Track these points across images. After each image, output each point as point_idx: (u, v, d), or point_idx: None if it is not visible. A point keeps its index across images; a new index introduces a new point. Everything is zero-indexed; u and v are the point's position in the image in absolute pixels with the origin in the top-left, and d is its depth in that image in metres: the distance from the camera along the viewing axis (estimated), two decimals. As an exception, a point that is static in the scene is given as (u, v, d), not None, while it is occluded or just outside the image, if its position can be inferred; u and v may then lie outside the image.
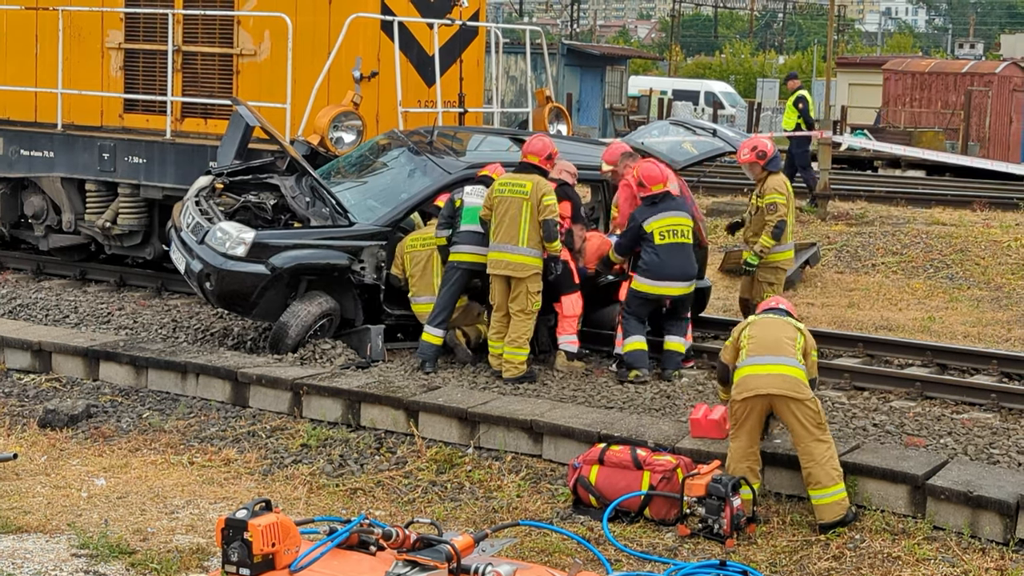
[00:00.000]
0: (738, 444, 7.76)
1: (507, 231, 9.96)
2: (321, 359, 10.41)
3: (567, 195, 10.61)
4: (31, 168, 14.25)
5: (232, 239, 10.53)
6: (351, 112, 12.20)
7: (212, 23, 13.16)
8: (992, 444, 8.74)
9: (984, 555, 7.22)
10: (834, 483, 7.51)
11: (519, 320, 10.05)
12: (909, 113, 35.24)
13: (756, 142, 11.01)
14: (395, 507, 8.03)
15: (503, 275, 10.05)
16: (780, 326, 7.93)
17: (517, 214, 9.95)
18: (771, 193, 10.72)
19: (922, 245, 16.99)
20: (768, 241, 10.70)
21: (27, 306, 12.92)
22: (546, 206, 9.95)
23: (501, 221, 9.99)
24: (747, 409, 7.70)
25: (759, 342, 7.81)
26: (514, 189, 10.03)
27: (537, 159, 10.18)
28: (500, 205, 10.01)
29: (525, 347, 10.09)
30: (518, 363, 10.05)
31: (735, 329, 8.11)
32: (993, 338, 12.59)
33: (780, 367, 7.68)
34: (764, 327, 7.93)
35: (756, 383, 7.67)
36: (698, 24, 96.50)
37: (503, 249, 10.00)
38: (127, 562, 6.90)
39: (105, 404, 9.97)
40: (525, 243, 9.95)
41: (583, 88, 36.18)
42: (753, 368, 7.72)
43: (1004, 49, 51.96)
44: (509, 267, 10.01)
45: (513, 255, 9.98)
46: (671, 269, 10.30)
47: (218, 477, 8.48)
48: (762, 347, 7.78)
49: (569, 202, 10.60)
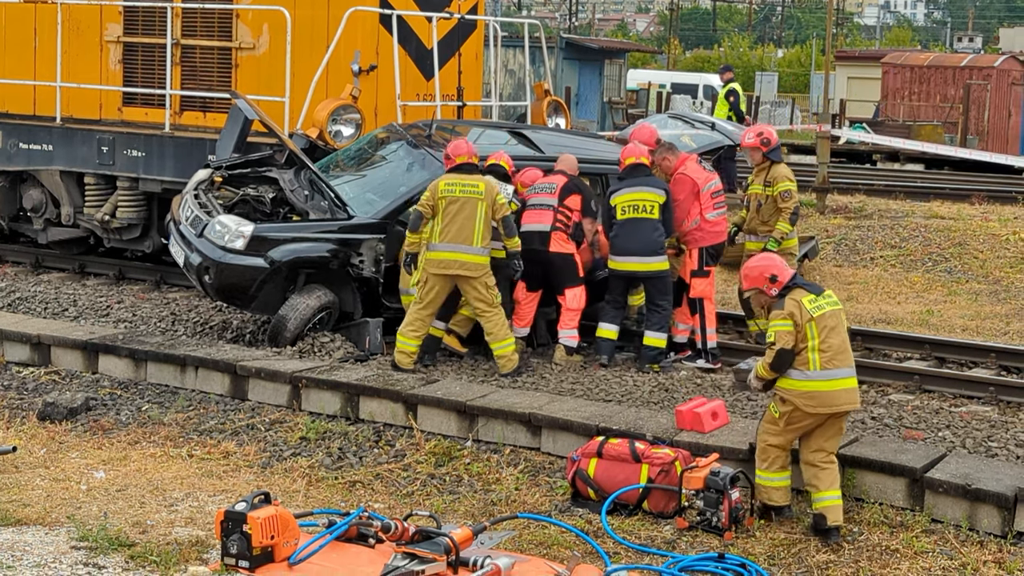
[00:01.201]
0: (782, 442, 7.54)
1: (460, 231, 9.86)
2: (320, 352, 10.42)
3: (578, 188, 10.64)
4: (30, 161, 14.25)
5: (231, 232, 10.53)
6: (350, 105, 12.20)
7: (211, 16, 13.15)
8: (990, 437, 8.75)
9: (982, 548, 7.24)
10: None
11: (488, 317, 10.03)
12: (908, 107, 35.24)
13: (763, 128, 11.34)
14: (394, 500, 8.04)
15: (452, 275, 9.95)
16: (841, 321, 7.47)
17: (472, 214, 9.89)
18: (783, 181, 11.11)
19: (921, 239, 17.00)
20: (786, 227, 11.03)
21: (26, 299, 12.92)
22: (501, 204, 9.98)
23: (452, 220, 9.87)
24: (813, 423, 7.44)
25: (834, 349, 7.34)
26: (466, 189, 9.94)
27: (475, 159, 10.20)
28: (450, 205, 9.91)
29: (509, 337, 10.09)
30: (510, 355, 10.06)
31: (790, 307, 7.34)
32: (991, 331, 12.61)
33: (853, 380, 7.44)
34: (832, 326, 7.36)
35: (836, 400, 7.37)
36: (697, 17, 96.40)
37: (455, 249, 9.89)
38: (126, 555, 6.90)
39: (104, 397, 9.98)
40: (479, 243, 9.91)
41: (581, 82, 36.14)
42: (831, 384, 7.34)
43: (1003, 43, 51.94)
44: (464, 267, 9.91)
45: (467, 255, 9.90)
46: (631, 244, 10.38)
47: (217, 470, 8.49)
48: (837, 356, 7.35)
49: (580, 195, 10.59)
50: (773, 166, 11.19)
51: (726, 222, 11.07)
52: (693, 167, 10.80)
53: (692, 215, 10.71)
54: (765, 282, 7.47)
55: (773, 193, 11.13)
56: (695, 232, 10.74)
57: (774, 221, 11.20)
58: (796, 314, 7.32)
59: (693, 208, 10.70)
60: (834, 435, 7.50)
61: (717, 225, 10.81)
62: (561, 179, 10.66)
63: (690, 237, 10.77)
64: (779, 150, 11.35)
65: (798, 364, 7.35)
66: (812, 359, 7.31)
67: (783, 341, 7.30)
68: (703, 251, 10.74)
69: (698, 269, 10.74)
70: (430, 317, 10.10)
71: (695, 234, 10.74)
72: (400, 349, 10.04)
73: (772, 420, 7.54)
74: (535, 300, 10.77)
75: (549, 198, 10.58)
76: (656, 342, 10.46)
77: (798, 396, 7.36)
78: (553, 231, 10.51)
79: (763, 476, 7.60)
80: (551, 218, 10.52)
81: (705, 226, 10.72)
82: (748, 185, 11.53)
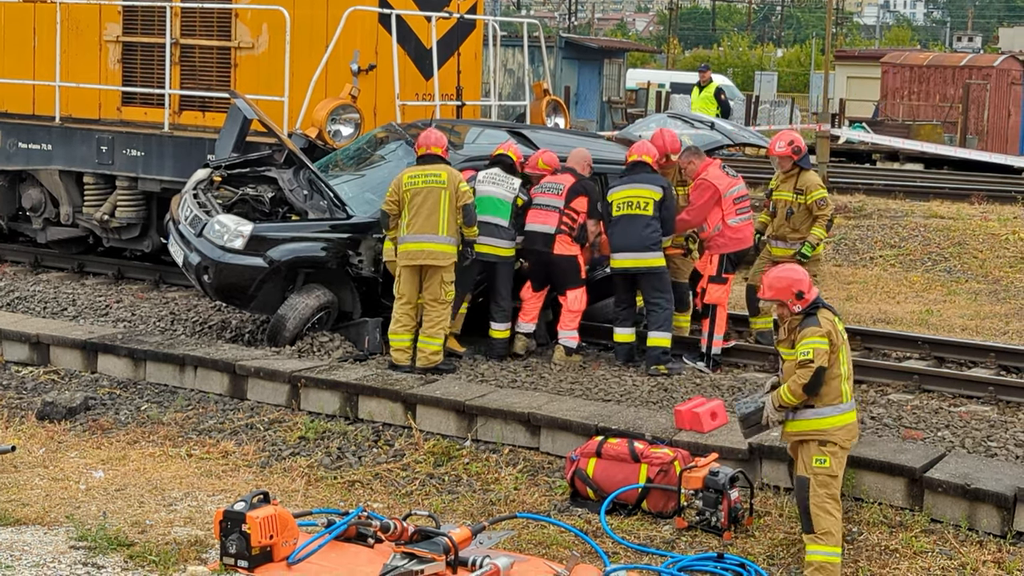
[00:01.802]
0: (837, 494, 6.99)
1: (426, 221, 9.93)
2: (319, 352, 10.42)
3: (585, 190, 10.52)
4: (29, 161, 14.24)
5: (230, 232, 10.53)
6: (349, 105, 12.19)
7: (210, 16, 13.14)
8: (990, 437, 8.75)
9: (981, 548, 7.24)
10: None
11: (434, 310, 10.04)
12: (907, 106, 35.21)
13: (793, 136, 11.03)
14: (393, 499, 8.03)
15: (419, 265, 10.00)
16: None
17: (436, 204, 9.96)
18: (817, 189, 10.88)
19: (920, 238, 16.99)
20: (822, 232, 10.93)
21: (25, 298, 12.91)
22: (463, 192, 10.02)
23: (418, 212, 9.94)
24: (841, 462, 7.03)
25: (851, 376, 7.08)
26: (429, 179, 10.02)
27: (440, 150, 10.20)
28: (415, 196, 9.99)
29: (439, 336, 10.06)
30: (430, 352, 10.03)
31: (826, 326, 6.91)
32: (991, 331, 12.60)
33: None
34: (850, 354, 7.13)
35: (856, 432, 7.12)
36: (696, 17, 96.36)
37: (422, 239, 9.96)
38: (125, 554, 6.90)
39: (103, 396, 9.97)
40: (445, 232, 9.97)
41: (581, 81, 36.11)
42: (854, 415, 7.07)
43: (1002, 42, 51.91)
44: (431, 256, 9.96)
45: (434, 244, 9.97)
46: (625, 240, 10.34)
47: (216, 469, 8.49)
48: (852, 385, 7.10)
49: (587, 197, 10.50)
50: (803, 173, 10.87)
51: (751, 228, 10.89)
52: (715, 172, 10.62)
53: (714, 221, 10.56)
54: (791, 296, 6.96)
55: (807, 201, 10.77)
56: (717, 238, 10.61)
57: (806, 228, 10.83)
58: (833, 334, 6.88)
59: (714, 214, 10.55)
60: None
61: (740, 231, 10.66)
62: (569, 180, 10.56)
63: (712, 243, 10.64)
64: (808, 157, 11.19)
65: (829, 399, 6.87)
66: (844, 390, 6.91)
67: (822, 359, 6.77)
68: (723, 258, 10.62)
69: (716, 275, 10.63)
70: (414, 310, 10.11)
71: (717, 240, 10.61)
72: (395, 347, 10.06)
73: (827, 473, 6.85)
74: (540, 298, 10.74)
75: (555, 199, 10.51)
76: (660, 342, 10.33)
77: (840, 432, 6.88)
78: (558, 233, 10.45)
79: (829, 551, 6.80)
80: (556, 220, 10.47)
81: (727, 232, 10.58)
82: (772, 191, 11.16)
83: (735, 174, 10.83)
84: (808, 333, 6.86)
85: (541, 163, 10.86)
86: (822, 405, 6.89)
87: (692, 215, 10.63)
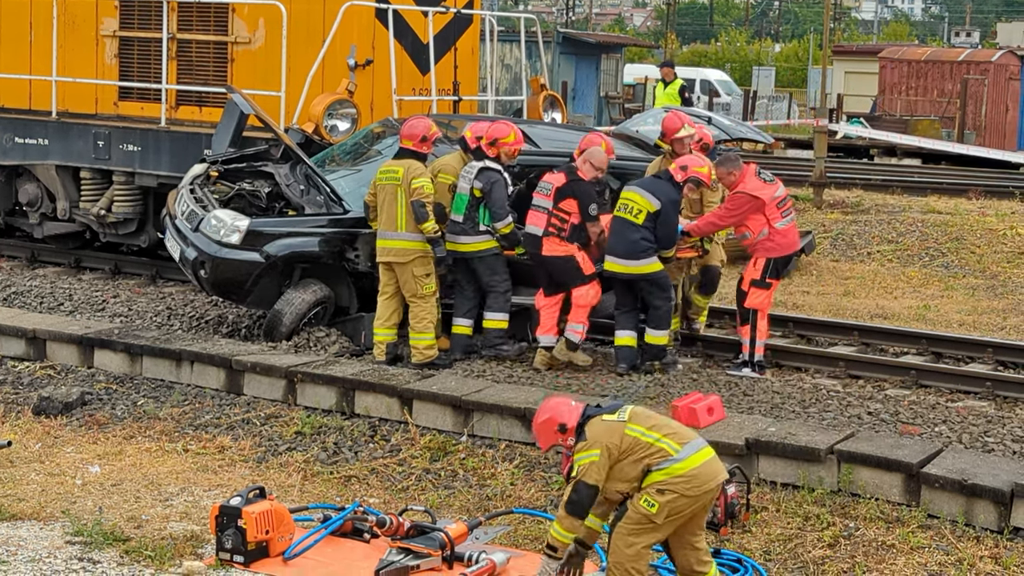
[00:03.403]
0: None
1: (387, 218, 10.03)
2: (315, 347, 10.41)
3: (574, 192, 10.11)
4: (26, 156, 14.22)
5: (227, 227, 10.52)
6: (346, 100, 12.18)
7: (207, 11, 13.12)
8: (987, 432, 8.75)
9: (978, 543, 7.23)
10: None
11: (415, 306, 10.07)
12: (905, 101, 35.20)
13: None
14: (389, 495, 8.03)
15: (387, 262, 10.07)
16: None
17: (393, 200, 10.03)
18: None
19: (918, 233, 16.99)
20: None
21: (21, 293, 12.90)
22: (415, 188, 9.94)
23: (382, 208, 10.08)
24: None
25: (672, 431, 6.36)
26: (389, 176, 10.08)
27: (411, 143, 10.15)
28: (380, 193, 10.12)
29: (429, 331, 10.07)
30: (423, 348, 10.06)
31: (595, 436, 6.21)
32: (988, 326, 12.60)
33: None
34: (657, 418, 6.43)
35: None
36: (694, 12, 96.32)
37: (385, 236, 10.06)
38: (121, 549, 6.89)
39: (100, 392, 9.96)
40: (403, 228, 9.99)
41: (578, 76, 36.10)
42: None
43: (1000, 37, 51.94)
44: (392, 253, 10.03)
45: (394, 241, 10.02)
46: (613, 243, 10.13)
47: (212, 464, 8.48)
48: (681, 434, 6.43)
49: (575, 199, 10.11)
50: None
51: (796, 230, 10.56)
52: (751, 183, 10.17)
53: (758, 228, 10.17)
54: (556, 435, 6.34)
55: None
56: (765, 242, 10.20)
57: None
58: (606, 437, 6.13)
59: (755, 221, 10.16)
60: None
61: (787, 235, 10.28)
62: (560, 179, 10.18)
63: (759, 247, 10.22)
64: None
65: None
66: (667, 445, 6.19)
67: (585, 474, 6.08)
68: (769, 262, 10.21)
69: (760, 279, 10.21)
70: (391, 303, 10.15)
71: (765, 244, 10.20)
72: (376, 342, 10.18)
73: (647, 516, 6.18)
74: (555, 305, 10.33)
75: (545, 200, 10.18)
76: (657, 340, 10.19)
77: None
78: (544, 236, 10.13)
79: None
80: (544, 221, 10.14)
81: (776, 236, 10.18)
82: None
83: (771, 177, 10.39)
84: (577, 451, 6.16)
85: (468, 134, 10.50)
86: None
87: (724, 221, 10.29)
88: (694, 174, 10.07)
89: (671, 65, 21.84)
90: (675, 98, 20.81)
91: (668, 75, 21.08)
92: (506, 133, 10.38)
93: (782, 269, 10.50)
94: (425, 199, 9.92)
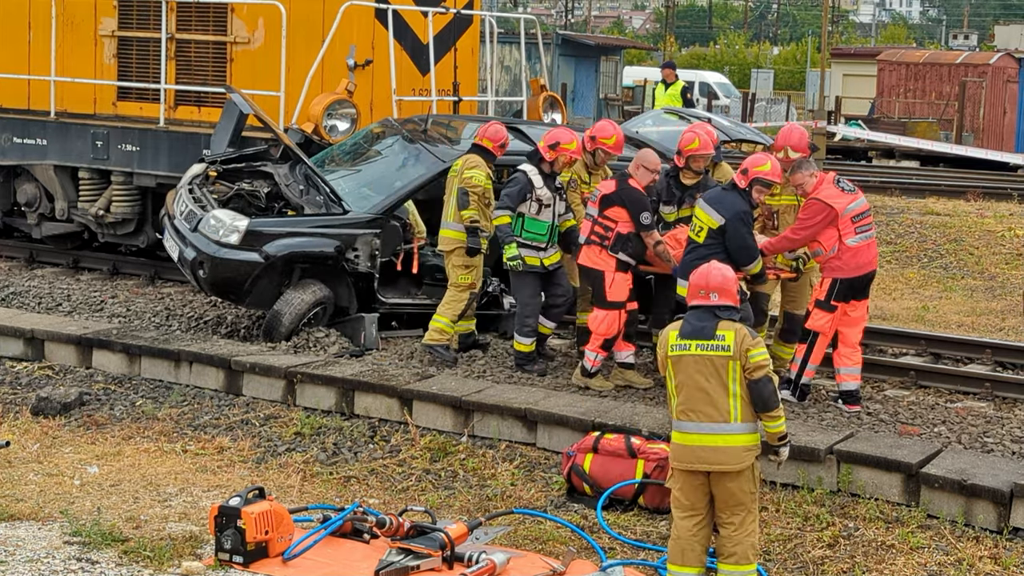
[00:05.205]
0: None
1: (445, 208, 10.39)
2: (315, 347, 10.40)
3: (622, 200, 9.39)
4: (24, 156, 14.19)
5: (226, 227, 10.50)
6: (345, 100, 12.16)
7: (206, 11, 13.10)
8: (986, 433, 8.75)
9: (978, 543, 7.23)
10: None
11: (448, 292, 10.32)
12: (903, 104, 35.23)
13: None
14: (389, 495, 8.02)
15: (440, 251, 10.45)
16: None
17: (450, 192, 10.32)
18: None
19: (916, 235, 17.00)
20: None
21: (20, 294, 12.88)
22: (465, 178, 10.14)
23: (446, 200, 10.42)
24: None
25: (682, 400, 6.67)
26: (452, 170, 10.41)
27: (490, 144, 10.30)
28: (447, 186, 10.47)
29: (445, 316, 10.21)
30: (433, 329, 10.23)
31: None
32: (987, 327, 12.61)
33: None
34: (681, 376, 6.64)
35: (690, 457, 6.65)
36: (692, 15, 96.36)
37: (442, 226, 10.35)
38: (120, 550, 6.88)
39: (98, 392, 9.95)
40: (451, 218, 10.22)
41: (578, 78, 36.14)
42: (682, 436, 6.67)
43: (998, 40, 51.99)
44: (442, 242, 10.34)
45: (443, 230, 10.31)
46: (681, 265, 9.31)
47: (211, 465, 8.47)
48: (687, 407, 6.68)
49: (624, 208, 9.39)
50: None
51: (873, 248, 9.35)
52: (828, 190, 9.15)
53: (831, 243, 9.15)
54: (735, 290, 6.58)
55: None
56: (833, 260, 9.16)
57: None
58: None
59: (830, 234, 9.13)
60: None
61: (860, 254, 9.12)
62: (608, 186, 9.53)
63: (827, 265, 9.22)
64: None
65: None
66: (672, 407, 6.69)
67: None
68: (836, 282, 9.12)
69: (824, 301, 9.15)
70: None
71: (832, 262, 9.16)
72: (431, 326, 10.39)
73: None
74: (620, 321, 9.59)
75: (593, 207, 9.60)
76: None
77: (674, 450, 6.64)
78: (586, 244, 9.55)
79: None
80: (588, 229, 9.56)
81: (844, 255, 9.09)
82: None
83: (852, 187, 9.33)
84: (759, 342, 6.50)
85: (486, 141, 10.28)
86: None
87: (799, 235, 9.21)
88: (755, 174, 8.95)
89: (672, 66, 21.82)
90: (677, 99, 20.81)
91: (669, 76, 21.07)
92: (568, 139, 9.98)
93: (853, 293, 9.23)
94: (471, 189, 10.08)
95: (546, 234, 9.97)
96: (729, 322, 6.39)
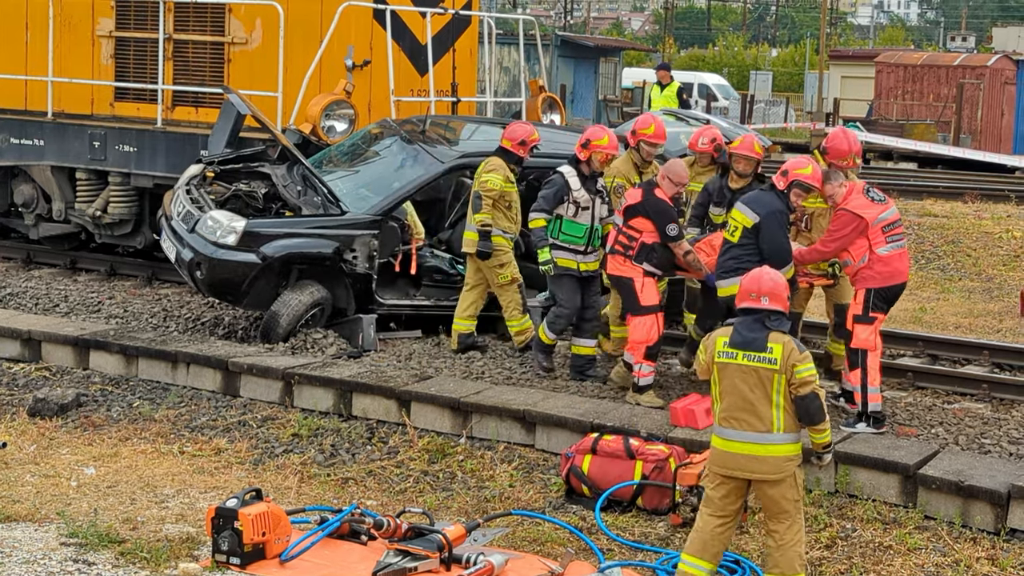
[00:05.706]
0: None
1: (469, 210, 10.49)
2: (312, 349, 10.38)
3: (646, 211, 9.15)
4: (21, 156, 14.18)
5: (223, 228, 10.49)
6: (343, 101, 12.15)
7: (203, 11, 13.10)
8: (983, 434, 8.75)
9: (975, 544, 7.23)
10: None
11: (499, 296, 10.49)
12: (901, 105, 35.25)
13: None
14: (387, 497, 8.01)
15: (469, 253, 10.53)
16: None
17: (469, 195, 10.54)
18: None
19: (914, 236, 16.99)
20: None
21: (17, 295, 12.86)
22: (481, 181, 10.25)
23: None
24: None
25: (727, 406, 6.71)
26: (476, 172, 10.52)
27: (509, 144, 10.34)
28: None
29: (515, 317, 10.39)
30: (515, 334, 10.48)
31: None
32: (984, 329, 12.60)
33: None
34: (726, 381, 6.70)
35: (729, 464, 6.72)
36: (691, 17, 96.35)
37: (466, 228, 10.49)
38: (116, 551, 6.87)
39: (95, 393, 9.93)
40: (472, 221, 10.34)
41: (577, 79, 36.13)
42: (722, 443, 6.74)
43: (996, 42, 51.96)
44: (467, 244, 10.42)
45: (467, 232, 10.43)
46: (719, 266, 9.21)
47: (208, 466, 8.46)
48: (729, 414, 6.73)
49: (648, 218, 9.15)
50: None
51: (905, 258, 9.06)
52: (857, 200, 8.90)
53: (860, 252, 8.88)
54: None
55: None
56: (864, 271, 8.88)
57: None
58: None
59: (860, 244, 8.87)
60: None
61: (891, 263, 8.85)
62: (635, 196, 9.28)
63: (858, 276, 8.95)
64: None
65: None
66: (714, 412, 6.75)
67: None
68: (870, 293, 8.85)
69: (862, 314, 8.85)
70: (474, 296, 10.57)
71: (864, 273, 8.88)
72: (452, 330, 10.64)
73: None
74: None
75: (618, 215, 9.47)
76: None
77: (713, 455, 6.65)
78: (610, 253, 9.37)
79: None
80: (613, 238, 9.39)
81: (875, 264, 8.83)
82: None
83: (882, 197, 9.07)
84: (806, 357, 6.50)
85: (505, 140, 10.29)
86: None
87: (829, 246, 8.99)
88: (795, 176, 8.73)
89: (667, 68, 21.82)
90: (673, 100, 20.79)
91: (664, 78, 21.07)
92: (600, 136, 9.78)
93: (888, 301, 9.01)
94: (486, 193, 10.14)
95: (584, 236, 9.71)
96: (779, 334, 6.36)
